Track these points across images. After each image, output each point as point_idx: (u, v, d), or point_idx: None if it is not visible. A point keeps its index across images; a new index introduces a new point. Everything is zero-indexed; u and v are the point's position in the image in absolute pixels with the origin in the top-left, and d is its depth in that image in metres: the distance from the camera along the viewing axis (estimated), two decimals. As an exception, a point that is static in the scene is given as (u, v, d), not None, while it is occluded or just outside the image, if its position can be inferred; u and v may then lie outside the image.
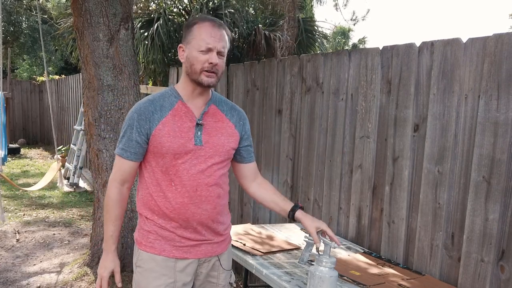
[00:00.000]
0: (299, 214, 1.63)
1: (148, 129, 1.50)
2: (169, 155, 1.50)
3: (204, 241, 1.60)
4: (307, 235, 1.95)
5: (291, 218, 1.66)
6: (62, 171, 7.04)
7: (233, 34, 4.85)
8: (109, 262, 1.61)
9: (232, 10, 4.89)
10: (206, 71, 1.47)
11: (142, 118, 1.50)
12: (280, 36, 4.63)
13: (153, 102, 1.53)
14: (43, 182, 5.57)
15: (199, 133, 1.53)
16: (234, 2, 5.18)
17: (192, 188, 1.51)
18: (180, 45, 1.56)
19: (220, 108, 1.61)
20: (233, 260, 1.86)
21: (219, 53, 1.48)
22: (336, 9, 5.67)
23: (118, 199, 1.58)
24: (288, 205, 1.67)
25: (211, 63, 1.46)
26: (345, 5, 6.20)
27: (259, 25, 5.19)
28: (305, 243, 1.72)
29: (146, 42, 5.23)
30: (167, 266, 1.56)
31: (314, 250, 1.71)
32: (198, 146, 1.52)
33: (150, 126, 1.50)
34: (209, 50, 1.46)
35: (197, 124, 1.53)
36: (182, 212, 1.53)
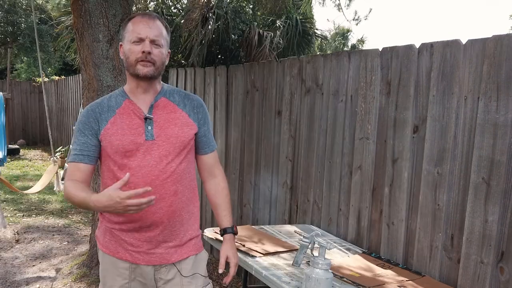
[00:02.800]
0: (225, 237, 1.66)
1: (97, 130, 1.49)
2: (119, 153, 1.46)
3: (158, 246, 1.53)
4: (302, 237, 1.95)
5: (221, 235, 1.68)
6: (61, 173, 7.03)
7: (232, 35, 4.86)
8: (102, 195, 1.31)
9: (224, 13, 4.90)
10: (141, 61, 1.44)
11: (91, 120, 1.50)
12: (272, 34, 4.69)
13: (100, 104, 1.53)
14: (40, 185, 5.53)
15: (149, 127, 1.49)
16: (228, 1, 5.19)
17: (146, 186, 1.39)
18: (120, 43, 1.54)
19: (171, 99, 1.57)
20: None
21: (152, 42, 1.45)
22: (339, 9, 5.67)
23: (75, 185, 1.44)
24: (224, 223, 1.67)
25: (143, 51, 1.43)
26: (348, 5, 6.17)
27: (254, 23, 5.22)
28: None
29: None
30: (122, 267, 1.55)
31: (308, 252, 1.72)
32: (149, 140, 1.48)
33: (99, 126, 1.49)
34: (140, 39, 1.44)
35: (146, 119, 1.49)
36: None
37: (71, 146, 1.61)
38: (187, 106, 1.58)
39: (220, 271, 1.59)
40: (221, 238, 1.70)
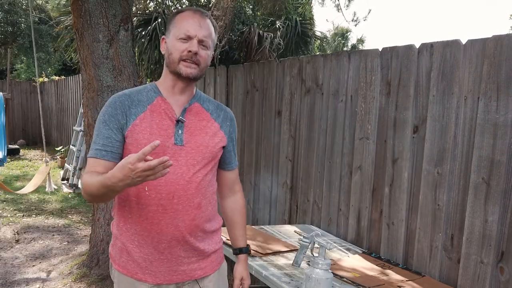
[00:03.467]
0: (240, 257, 1.59)
1: (124, 124, 1.34)
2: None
3: (181, 263, 1.42)
4: (302, 237, 1.95)
5: (235, 254, 1.62)
6: (61, 173, 7.04)
7: (231, 35, 4.86)
8: (115, 169, 1.17)
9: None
10: (185, 60, 1.33)
11: (118, 112, 1.35)
12: (272, 35, 4.70)
13: (130, 96, 1.38)
14: (32, 185, 5.50)
15: (179, 131, 1.37)
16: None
17: (169, 195, 1.34)
18: (162, 36, 1.43)
19: (204, 107, 1.46)
20: (232, 261, 1.82)
21: (200, 42, 1.34)
22: (338, 10, 5.67)
23: (93, 174, 1.30)
24: (240, 243, 1.60)
25: (190, 51, 1.32)
26: (347, 5, 6.19)
27: (254, 24, 5.23)
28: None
29: (143, 40, 5.23)
30: None
31: (308, 252, 1.71)
32: (178, 145, 1.36)
33: (127, 120, 1.34)
34: (188, 37, 1.33)
35: (178, 122, 1.37)
36: (155, 223, 1.36)
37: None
38: (220, 117, 1.48)
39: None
40: (223, 239, 1.67)
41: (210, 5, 4.81)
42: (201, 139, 1.40)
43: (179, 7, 6.15)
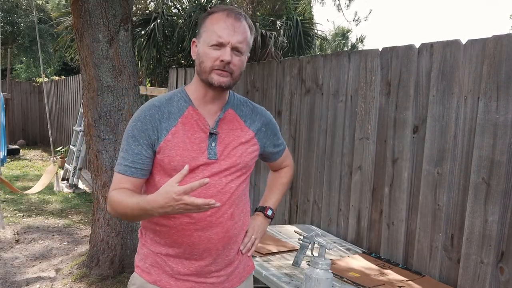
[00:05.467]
0: (255, 214, 1.54)
1: (155, 140, 1.27)
2: (177, 170, 1.19)
3: (209, 276, 1.35)
4: (301, 237, 1.95)
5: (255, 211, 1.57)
6: (61, 173, 7.04)
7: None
8: (158, 193, 1.13)
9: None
10: (217, 69, 1.24)
11: (149, 128, 1.27)
12: (276, 34, 4.70)
13: (160, 108, 1.29)
14: (40, 185, 5.53)
15: (213, 144, 1.30)
16: (228, 0, 5.20)
17: None
18: (193, 39, 1.33)
19: (238, 113, 1.37)
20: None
21: (234, 49, 1.24)
22: (338, 9, 5.67)
23: (125, 192, 1.27)
24: (263, 202, 1.57)
25: (222, 60, 1.22)
26: (347, 5, 6.20)
27: (256, 23, 5.23)
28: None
29: (142, 40, 5.23)
30: None
31: (308, 253, 1.71)
32: (212, 160, 1.29)
33: (158, 136, 1.27)
34: (221, 44, 1.22)
35: (211, 134, 1.30)
36: (187, 235, 1.29)
37: (120, 153, 1.32)
38: (255, 123, 1.40)
39: (241, 247, 1.42)
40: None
41: (213, 4, 4.81)
42: (234, 151, 1.33)
43: (179, 7, 6.15)
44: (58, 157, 6.38)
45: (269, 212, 1.53)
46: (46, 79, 11.91)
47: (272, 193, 1.59)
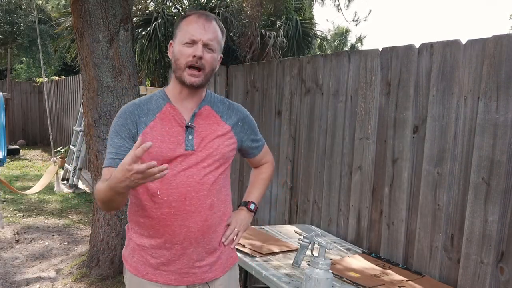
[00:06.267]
0: (239, 208, 1.62)
1: (135, 133, 1.38)
2: (156, 161, 1.25)
3: (192, 265, 1.43)
4: (301, 237, 1.95)
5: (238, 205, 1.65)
6: (61, 173, 7.04)
7: (231, 34, 4.86)
8: (118, 169, 1.19)
9: (227, 13, 4.91)
10: (190, 66, 1.35)
11: (129, 122, 1.39)
12: (275, 34, 4.69)
13: (139, 106, 1.42)
14: (40, 185, 5.53)
15: (190, 137, 1.40)
16: (229, 1, 5.20)
17: (180, 197, 1.37)
18: (170, 41, 1.45)
19: (215, 109, 1.47)
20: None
21: (206, 46, 1.35)
22: (338, 10, 5.66)
23: (104, 182, 1.33)
24: (246, 197, 1.66)
25: (194, 56, 1.33)
26: (347, 6, 6.18)
27: (256, 23, 5.23)
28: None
29: (143, 40, 5.23)
30: None
31: (308, 252, 1.71)
32: (189, 151, 1.38)
33: (137, 129, 1.38)
34: (193, 42, 1.34)
35: (187, 127, 1.40)
36: (168, 225, 1.38)
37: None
38: (231, 118, 1.49)
39: (223, 239, 1.48)
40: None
41: (213, 5, 4.81)
42: (211, 143, 1.42)
43: (179, 7, 6.15)
44: (58, 157, 6.38)
45: (252, 206, 1.62)
46: (46, 79, 11.91)
47: (254, 188, 1.68)
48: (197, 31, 1.35)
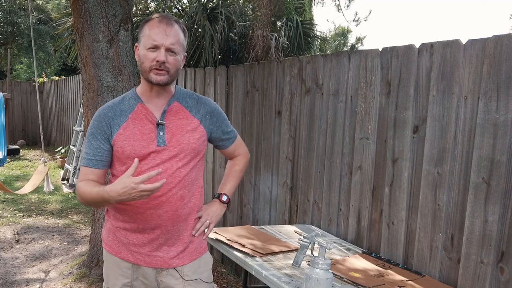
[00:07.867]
0: (211, 202, 1.71)
1: (110, 135, 1.49)
2: (131, 158, 1.45)
3: (160, 249, 1.54)
4: (302, 237, 1.95)
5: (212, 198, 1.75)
6: (61, 173, 7.04)
7: (232, 35, 4.86)
8: (116, 184, 1.35)
9: (228, 13, 4.91)
10: (155, 69, 1.43)
11: (103, 124, 1.49)
12: (277, 35, 4.70)
13: (113, 108, 1.52)
14: (30, 186, 5.49)
15: (161, 133, 1.49)
16: (229, 1, 5.19)
17: None
18: (136, 44, 1.53)
19: (184, 104, 1.56)
20: (232, 261, 1.83)
21: (168, 50, 1.43)
22: (338, 10, 5.66)
23: (88, 183, 1.48)
24: (219, 189, 1.74)
25: (158, 61, 1.42)
26: (347, 6, 6.18)
27: (257, 24, 5.23)
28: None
29: None
30: (125, 267, 1.57)
31: (308, 252, 1.72)
32: (161, 146, 1.48)
33: (112, 131, 1.49)
34: (156, 47, 1.42)
35: (158, 124, 1.49)
36: (141, 212, 1.49)
37: (83, 149, 1.57)
38: (200, 112, 1.58)
39: (193, 232, 1.60)
40: (223, 239, 1.72)
41: (214, 4, 4.81)
42: (181, 138, 1.51)
43: (179, 7, 6.16)
44: (58, 157, 6.37)
45: (224, 198, 1.71)
46: (46, 79, 11.91)
47: (228, 181, 1.76)
48: (158, 36, 1.42)
